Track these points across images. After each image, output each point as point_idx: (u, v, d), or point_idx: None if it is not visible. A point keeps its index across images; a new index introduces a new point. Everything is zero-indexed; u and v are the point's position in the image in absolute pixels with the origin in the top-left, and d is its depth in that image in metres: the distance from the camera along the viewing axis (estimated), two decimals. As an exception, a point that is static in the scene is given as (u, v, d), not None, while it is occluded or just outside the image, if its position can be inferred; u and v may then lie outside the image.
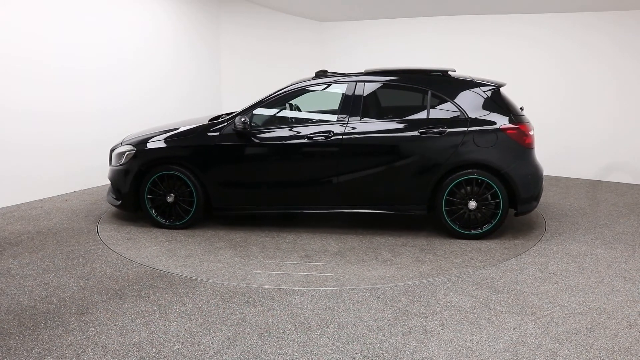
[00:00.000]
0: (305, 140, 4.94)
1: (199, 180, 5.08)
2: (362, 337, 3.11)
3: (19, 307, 3.48)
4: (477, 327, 3.23)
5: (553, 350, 2.95)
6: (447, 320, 3.31)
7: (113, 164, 5.41)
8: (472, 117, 4.79)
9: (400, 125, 4.90)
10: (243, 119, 4.96)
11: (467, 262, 4.33)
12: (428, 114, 4.87)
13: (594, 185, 7.30)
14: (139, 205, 5.26)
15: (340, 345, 3.01)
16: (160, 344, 3.01)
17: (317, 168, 4.97)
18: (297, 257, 4.48)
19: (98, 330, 3.16)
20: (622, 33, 7.28)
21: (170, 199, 5.15)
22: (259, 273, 4.11)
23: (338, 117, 4.98)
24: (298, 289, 3.78)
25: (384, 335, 3.12)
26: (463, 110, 4.82)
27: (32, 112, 6.07)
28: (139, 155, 5.17)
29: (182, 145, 5.14)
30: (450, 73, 5.12)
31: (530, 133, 4.85)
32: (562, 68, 7.77)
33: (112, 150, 5.52)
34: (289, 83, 5.30)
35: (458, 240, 4.85)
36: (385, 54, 9.12)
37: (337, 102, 5.08)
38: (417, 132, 4.81)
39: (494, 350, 2.95)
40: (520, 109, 5.07)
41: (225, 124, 5.10)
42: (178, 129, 5.28)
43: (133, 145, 5.26)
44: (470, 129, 4.75)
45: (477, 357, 2.89)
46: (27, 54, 5.96)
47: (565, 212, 5.92)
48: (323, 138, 4.90)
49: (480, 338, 3.09)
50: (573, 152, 7.84)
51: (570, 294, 3.71)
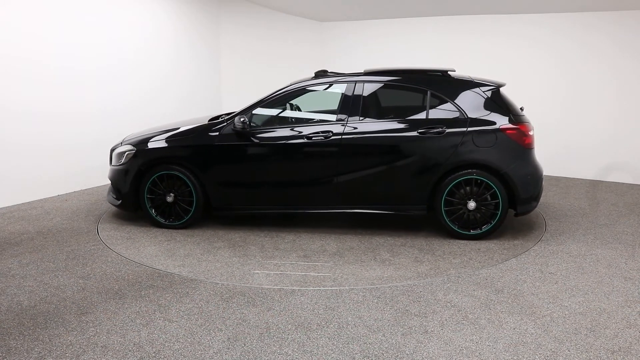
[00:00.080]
0: (305, 140, 4.94)
1: (199, 180, 5.09)
2: (362, 337, 3.11)
3: (19, 307, 3.48)
4: (477, 327, 3.23)
5: (553, 350, 2.95)
6: (447, 320, 3.31)
7: (113, 164, 5.42)
8: (471, 117, 4.79)
9: (400, 125, 4.90)
10: (242, 119, 4.96)
11: (465, 262, 4.33)
12: (427, 114, 4.87)
13: (594, 185, 7.30)
14: (139, 205, 5.27)
15: (340, 345, 3.01)
16: (160, 344, 3.01)
17: (316, 168, 4.97)
18: (295, 257, 4.48)
19: (98, 330, 3.17)
20: (622, 33, 7.28)
21: (170, 199, 5.16)
22: (257, 273, 4.11)
23: (337, 117, 4.99)
24: (298, 289, 3.78)
25: (384, 335, 3.12)
26: (462, 111, 4.81)
27: (32, 112, 6.07)
28: (139, 155, 5.17)
29: (181, 145, 5.15)
30: (450, 73, 5.12)
31: (530, 133, 4.85)
32: (562, 68, 7.77)
33: (112, 150, 5.53)
34: (289, 83, 5.30)
35: (457, 241, 4.85)
36: (385, 54, 9.12)
37: (336, 102, 5.08)
38: (416, 132, 4.81)
39: (494, 350, 2.95)
40: (520, 109, 5.07)
41: (225, 124, 5.10)
42: (178, 129, 5.28)
43: (133, 145, 5.26)
44: (470, 129, 4.75)
45: (477, 357, 2.89)
46: (27, 54, 5.96)
47: (565, 212, 5.92)
48: (322, 138, 4.90)
49: (480, 338, 3.09)
50: (573, 152, 7.84)
51: (570, 294, 3.71)
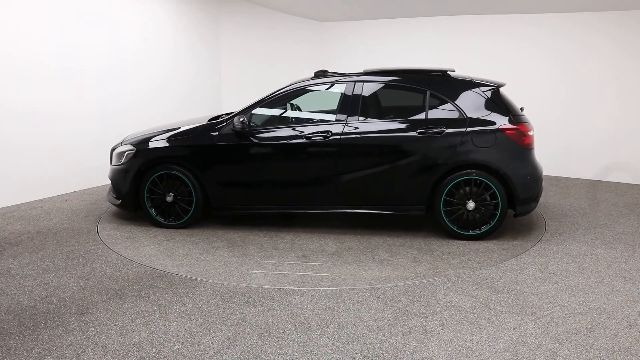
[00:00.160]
0: (304, 140, 4.93)
1: (198, 180, 5.09)
2: (362, 337, 3.11)
3: (19, 307, 3.48)
4: (477, 327, 3.23)
5: (553, 350, 2.95)
6: (447, 320, 3.31)
7: (113, 164, 5.43)
8: (471, 117, 4.78)
9: (399, 126, 4.90)
10: (242, 119, 4.96)
11: (464, 263, 4.33)
12: (427, 114, 4.87)
13: (594, 185, 7.30)
14: (139, 205, 5.28)
15: (340, 345, 3.01)
16: (160, 344, 3.01)
17: (315, 168, 4.97)
18: (294, 257, 4.48)
19: (98, 330, 3.17)
20: (622, 33, 7.28)
21: (170, 199, 5.16)
22: (255, 273, 4.11)
23: (337, 117, 4.98)
24: (298, 289, 3.78)
25: (384, 335, 3.12)
26: (462, 111, 4.81)
27: (32, 112, 6.07)
28: (139, 155, 5.18)
29: (181, 145, 5.15)
30: (450, 73, 5.12)
31: (530, 133, 4.84)
32: (562, 68, 7.77)
33: (112, 150, 5.54)
34: (288, 83, 5.30)
35: (456, 241, 4.84)
36: (385, 54, 9.12)
37: (336, 102, 5.07)
38: (415, 132, 4.81)
39: (494, 350, 2.95)
40: (521, 109, 5.06)
41: (224, 124, 5.10)
42: (177, 129, 5.28)
43: (133, 145, 5.26)
44: (469, 130, 4.74)
45: (477, 357, 2.89)
46: (27, 54, 5.96)
47: (565, 212, 5.92)
48: (321, 138, 4.90)
49: (480, 338, 3.09)
50: (573, 152, 7.84)
51: (570, 294, 3.71)
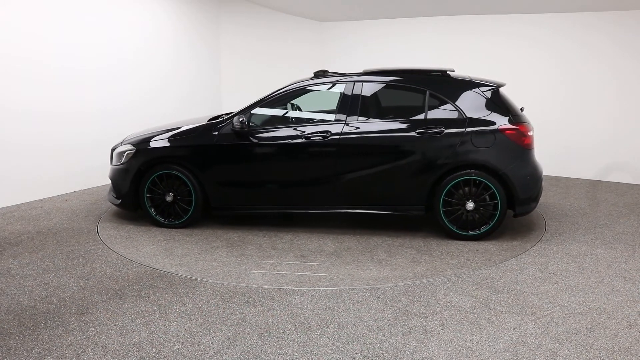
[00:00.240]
0: (303, 140, 4.93)
1: (198, 180, 5.09)
2: (362, 337, 3.11)
3: (19, 307, 3.48)
4: (477, 327, 3.23)
5: (553, 350, 2.95)
6: (447, 320, 3.31)
7: (113, 163, 5.43)
8: (470, 117, 4.78)
9: (398, 126, 4.89)
10: (241, 119, 4.96)
11: (463, 263, 4.32)
12: (426, 114, 4.86)
13: (594, 185, 7.30)
14: (139, 205, 5.28)
15: (340, 345, 3.01)
16: (160, 344, 3.01)
17: (314, 168, 4.96)
18: (292, 257, 4.48)
19: (98, 330, 3.17)
20: (622, 33, 7.28)
21: (169, 198, 5.16)
22: (253, 272, 4.11)
23: (336, 117, 4.98)
24: (298, 289, 3.78)
25: (384, 335, 3.12)
26: (461, 111, 4.80)
27: (32, 112, 6.07)
28: (139, 155, 5.18)
29: (180, 145, 5.15)
30: (449, 73, 5.11)
31: (529, 134, 4.83)
32: (562, 68, 7.77)
33: (112, 150, 5.54)
34: (288, 83, 5.30)
35: (455, 242, 4.84)
36: (385, 54, 9.12)
37: (335, 102, 5.07)
38: (415, 132, 4.80)
39: (494, 350, 2.95)
40: (521, 110, 5.06)
41: (224, 124, 5.10)
42: (177, 129, 5.29)
43: (133, 145, 5.27)
44: (469, 130, 4.74)
45: (477, 357, 2.89)
46: (27, 54, 5.96)
47: (565, 212, 5.92)
48: (320, 138, 4.89)
49: (480, 338, 3.09)
50: (573, 152, 7.84)
51: (570, 294, 3.71)
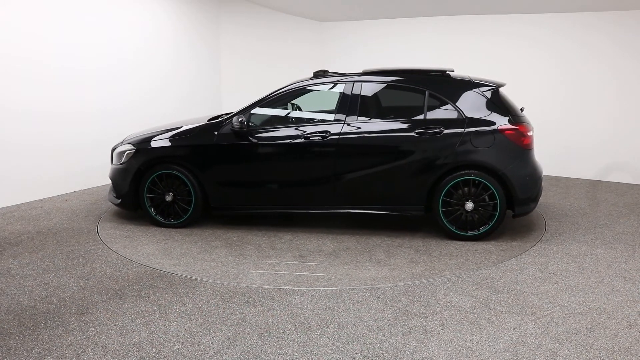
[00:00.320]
0: (302, 140, 4.93)
1: (197, 180, 5.09)
2: (362, 337, 3.11)
3: (19, 307, 3.48)
4: (477, 327, 3.23)
5: (553, 350, 2.95)
6: (447, 320, 3.31)
7: (114, 163, 5.44)
8: (470, 117, 4.78)
9: (398, 126, 4.89)
10: (240, 119, 4.96)
11: (461, 263, 4.32)
12: (425, 115, 4.86)
13: (594, 185, 7.30)
14: (139, 204, 5.28)
15: (340, 345, 3.01)
16: (160, 344, 3.01)
17: (313, 168, 4.96)
18: (291, 257, 4.48)
19: (98, 330, 3.17)
20: (622, 33, 7.28)
21: (169, 198, 5.16)
22: (251, 272, 4.11)
23: (335, 117, 4.98)
24: (298, 289, 3.78)
25: (384, 335, 3.12)
26: (461, 111, 4.80)
27: (32, 112, 6.07)
28: (139, 155, 5.18)
29: (180, 145, 5.15)
30: (449, 73, 5.11)
31: (529, 134, 4.82)
32: (562, 68, 7.77)
33: (113, 150, 5.54)
34: (287, 83, 5.30)
35: (454, 242, 4.83)
36: (385, 54, 9.12)
37: (334, 102, 5.07)
38: (414, 132, 4.80)
39: (494, 350, 2.95)
40: (521, 110, 5.06)
41: (223, 124, 5.10)
42: (177, 129, 5.29)
43: (133, 145, 5.27)
44: (468, 130, 4.73)
45: (477, 357, 2.89)
46: (27, 54, 5.96)
47: (565, 212, 5.92)
48: (320, 138, 4.89)
49: (480, 338, 3.09)
50: (573, 152, 7.84)
51: (570, 294, 3.71)
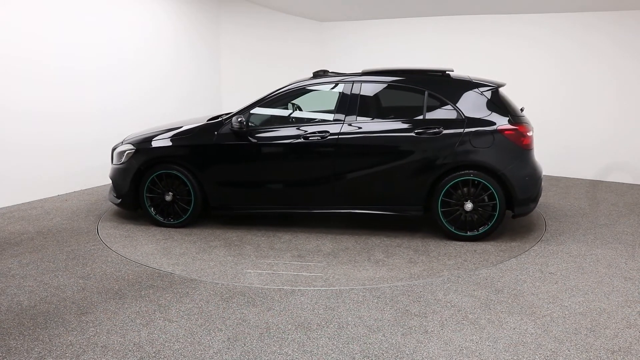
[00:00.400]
0: (301, 140, 4.93)
1: (197, 180, 5.09)
2: (362, 337, 3.11)
3: (19, 307, 3.48)
4: (477, 327, 3.23)
5: (553, 350, 2.95)
6: (447, 320, 3.31)
7: (114, 163, 5.44)
8: (469, 117, 4.77)
9: (397, 126, 4.89)
10: (240, 119, 4.96)
11: (460, 264, 4.31)
12: (425, 115, 4.86)
13: (594, 185, 7.30)
14: (139, 204, 5.28)
15: (340, 345, 3.01)
16: (160, 344, 3.01)
17: (313, 168, 4.96)
18: (289, 256, 4.48)
19: (98, 330, 3.17)
20: (622, 33, 7.28)
21: (169, 198, 5.16)
22: (249, 272, 4.11)
23: (334, 117, 4.98)
24: (298, 289, 3.78)
25: (384, 335, 3.12)
26: (460, 111, 4.79)
27: (32, 112, 6.07)
28: (138, 155, 5.18)
29: (180, 145, 5.16)
30: (449, 73, 5.10)
31: (529, 134, 4.81)
32: (562, 68, 7.77)
33: (113, 149, 5.55)
34: (287, 83, 5.30)
35: (454, 242, 4.82)
36: (385, 54, 9.12)
37: (334, 102, 5.07)
38: (413, 132, 4.80)
39: (494, 350, 2.95)
40: (521, 110, 5.05)
41: (223, 124, 5.10)
42: (177, 129, 5.29)
43: (133, 145, 5.28)
44: (467, 130, 4.73)
45: (477, 357, 2.89)
46: (27, 54, 5.96)
47: (565, 212, 5.92)
48: (319, 138, 4.89)
49: (480, 338, 3.09)
50: (573, 152, 7.84)
51: (570, 294, 3.71)
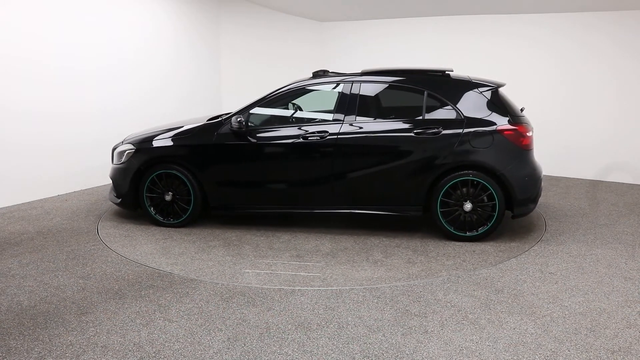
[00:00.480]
0: (300, 140, 4.93)
1: (197, 179, 5.09)
2: (362, 337, 3.11)
3: (19, 307, 3.48)
4: (477, 327, 3.23)
5: (553, 350, 2.95)
6: (447, 320, 3.31)
7: (114, 163, 5.45)
8: (468, 118, 4.76)
9: (396, 126, 4.88)
10: (239, 119, 4.96)
11: (458, 264, 4.31)
12: (424, 115, 4.85)
13: (594, 185, 7.30)
14: (139, 204, 5.29)
15: (340, 345, 3.01)
16: (160, 344, 3.01)
17: (312, 168, 4.95)
18: (288, 256, 4.48)
19: (98, 330, 3.17)
20: (622, 33, 7.28)
21: (169, 198, 5.16)
22: (248, 272, 4.11)
23: (334, 117, 4.98)
24: (298, 289, 3.78)
25: (384, 335, 3.12)
26: (459, 111, 4.79)
27: (32, 112, 6.07)
28: (138, 154, 5.19)
29: (179, 145, 5.16)
30: (448, 73, 5.10)
31: (528, 134, 4.80)
32: (562, 68, 7.77)
33: (113, 149, 5.55)
34: (287, 83, 5.30)
35: (453, 243, 4.82)
36: (385, 54, 9.12)
37: (333, 102, 5.07)
38: (412, 132, 4.79)
39: (494, 350, 2.95)
40: (521, 110, 5.05)
41: (222, 124, 5.11)
42: (176, 129, 5.29)
43: (133, 144, 5.28)
44: (467, 130, 4.73)
45: (477, 357, 2.89)
46: (27, 54, 5.96)
47: (565, 212, 5.92)
48: (318, 138, 4.89)
49: (480, 338, 3.09)
50: (573, 152, 7.83)
51: (570, 294, 3.71)
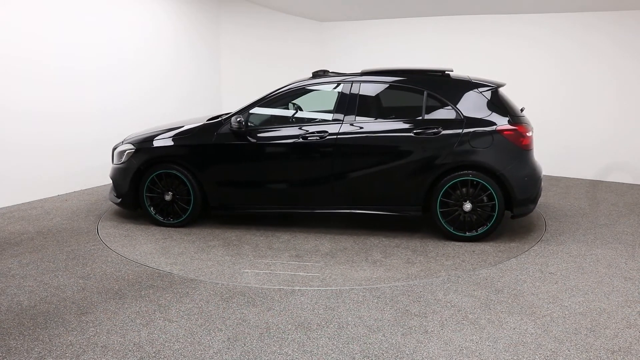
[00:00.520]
0: (300, 140, 4.93)
1: (196, 179, 5.10)
2: (362, 337, 3.11)
3: (19, 307, 3.48)
4: (477, 327, 3.23)
5: (553, 350, 2.95)
6: (447, 320, 3.31)
7: (114, 163, 5.45)
8: (468, 118, 4.76)
9: (396, 126, 4.88)
10: (239, 119, 4.96)
11: (458, 264, 4.31)
12: (424, 115, 4.85)
13: (594, 185, 7.30)
14: (139, 204, 5.29)
15: (340, 345, 3.01)
16: (160, 344, 3.01)
17: (312, 168, 4.95)
18: (287, 256, 4.48)
19: (98, 330, 3.17)
20: (622, 33, 7.28)
21: (168, 198, 5.17)
22: (247, 272, 4.11)
23: (333, 117, 4.98)
24: (298, 289, 3.78)
25: (384, 335, 3.12)
26: (459, 111, 4.79)
27: (32, 112, 6.07)
28: (138, 154, 5.19)
29: (179, 145, 5.17)
30: (448, 73, 5.10)
31: (528, 134, 4.79)
32: (562, 68, 7.77)
33: (114, 149, 5.56)
34: (286, 83, 5.30)
35: (452, 243, 4.82)
36: (385, 54, 9.12)
37: (333, 102, 5.07)
38: (412, 132, 4.79)
39: (494, 350, 2.95)
40: (521, 110, 5.05)
41: (222, 124, 5.11)
42: (176, 129, 5.30)
43: (133, 144, 5.28)
44: (466, 130, 4.72)
45: (477, 357, 2.89)
46: (27, 54, 5.96)
47: (565, 212, 5.92)
48: (317, 138, 4.89)
49: (480, 338, 3.09)
50: (573, 152, 7.84)
51: (570, 294, 3.71)
